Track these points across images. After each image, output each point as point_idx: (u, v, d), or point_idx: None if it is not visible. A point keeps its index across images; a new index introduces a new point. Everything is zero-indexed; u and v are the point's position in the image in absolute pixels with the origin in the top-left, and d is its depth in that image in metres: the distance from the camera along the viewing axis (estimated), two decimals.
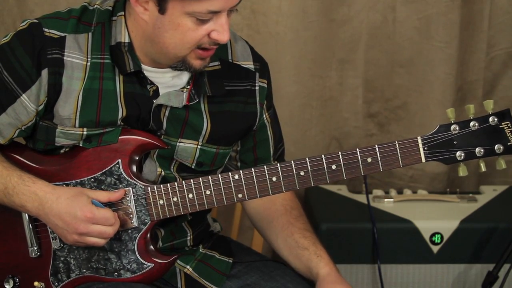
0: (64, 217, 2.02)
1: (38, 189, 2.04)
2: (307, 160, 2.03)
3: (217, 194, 2.06)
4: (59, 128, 2.09)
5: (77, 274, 2.12)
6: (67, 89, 2.06)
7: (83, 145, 2.09)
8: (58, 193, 2.04)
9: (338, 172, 2.02)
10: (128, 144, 2.08)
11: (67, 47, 2.06)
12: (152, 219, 2.09)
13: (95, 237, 2.03)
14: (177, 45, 2.01)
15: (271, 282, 2.20)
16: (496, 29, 3.28)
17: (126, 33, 2.08)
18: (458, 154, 1.99)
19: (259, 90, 2.23)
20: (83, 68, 2.07)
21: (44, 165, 2.13)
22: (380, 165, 2.01)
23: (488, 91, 3.35)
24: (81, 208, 2.01)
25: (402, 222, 2.95)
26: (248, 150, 2.27)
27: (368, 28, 3.25)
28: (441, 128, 2.00)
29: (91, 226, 2.01)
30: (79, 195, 2.03)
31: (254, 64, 2.23)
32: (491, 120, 1.98)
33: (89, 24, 2.09)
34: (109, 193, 2.06)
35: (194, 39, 2.00)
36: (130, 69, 2.07)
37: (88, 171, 2.09)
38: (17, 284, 2.16)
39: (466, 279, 2.96)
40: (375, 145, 2.00)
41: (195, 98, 2.12)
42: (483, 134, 1.98)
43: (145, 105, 2.10)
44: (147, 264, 2.10)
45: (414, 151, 2.00)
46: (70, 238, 2.05)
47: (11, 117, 2.09)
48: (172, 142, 2.14)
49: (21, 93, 2.07)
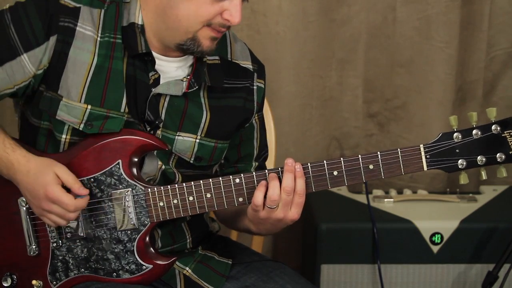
0: (31, 192, 2.04)
1: (14, 159, 2.06)
2: (309, 166, 2.03)
3: (218, 197, 2.06)
4: (63, 101, 2.08)
5: (75, 274, 2.12)
6: (75, 59, 2.07)
7: (83, 129, 2.08)
8: (29, 166, 2.04)
9: (339, 178, 2.02)
10: (129, 145, 2.08)
11: (81, 18, 2.07)
12: (152, 221, 2.09)
13: (57, 216, 2.04)
14: (190, 17, 2.02)
15: (270, 283, 2.20)
16: (496, 29, 3.28)
17: (140, 15, 2.09)
18: (460, 162, 1.99)
19: (257, 90, 2.25)
20: (94, 41, 2.08)
21: None
22: (382, 172, 2.01)
23: (488, 91, 3.35)
24: (44, 186, 2.01)
25: (402, 222, 2.95)
26: (234, 147, 2.28)
27: (368, 28, 3.25)
28: (443, 136, 2.00)
29: (52, 205, 2.02)
30: (46, 171, 2.03)
31: (252, 65, 2.25)
32: (493, 128, 1.97)
33: (103, 1, 2.10)
34: (75, 183, 2.04)
35: (208, 14, 2.02)
36: (141, 50, 2.08)
37: (87, 170, 2.08)
38: (15, 282, 2.16)
39: (466, 279, 2.95)
40: (377, 152, 2.01)
41: (195, 85, 2.13)
42: (485, 143, 1.98)
43: (142, 92, 2.10)
44: (146, 266, 2.10)
45: (416, 159, 2.00)
46: (37, 211, 2.07)
47: (7, 72, 2.08)
48: (171, 136, 2.14)
49: (22, 52, 2.07)
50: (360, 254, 2.95)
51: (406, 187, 3.27)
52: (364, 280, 2.97)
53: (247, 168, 2.30)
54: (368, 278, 2.97)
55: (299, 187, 2.01)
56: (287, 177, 2.01)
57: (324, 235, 2.92)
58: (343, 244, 2.94)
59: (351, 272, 2.97)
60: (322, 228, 2.92)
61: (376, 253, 2.92)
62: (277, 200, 2.01)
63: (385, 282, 2.94)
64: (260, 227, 2.12)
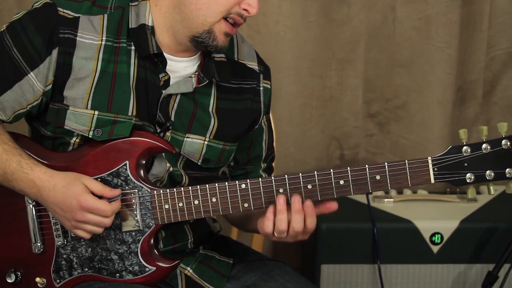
0: (61, 205, 2.03)
1: (35, 177, 2.04)
2: (315, 174, 2.01)
3: (223, 202, 2.06)
4: (70, 109, 2.08)
5: (79, 273, 2.12)
6: (78, 69, 2.06)
7: (93, 137, 2.08)
8: (54, 180, 2.03)
9: (346, 188, 2.01)
10: (137, 147, 2.08)
11: (81, 27, 2.07)
12: (157, 223, 2.08)
13: (93, 225, 2.03)
14: (211, 5, 2.03)
15: (270, 282, 2.20)
16: (496, 29, 3.28)
17: (150, 17, 2.09)
18: (468, 176, 1.97)
19: (263, 91, 2.25)
20: (97, 48, 2.07)
21: (51, 161, 2.11)
22: (388, 183, 1.99)
23: (488, 91, 3.35)
24: (76, 198, 2.00)
25: (402, 222, 2.95)
26: (244, 150, 2.28)
27: (368, 28, 3.25)
28: (452, 149, 1.97)
29: (87, 215, 2.01)
30: (75, 182, 2.02)
31: (258, 66, 2.25)
32: (503, 143, 1.95)
33: (104, 7, 2.10)
34: (104, 188, 2.04)
35: (228, 2, 2.02)
36: (153, 50, 2.08)
37: (95, 170, 2.08)
38: (19, 278, 2.16)
39: (466, 279, 2.96)
40: (385, 163, 1.99)
41: (204, 80, 2.13)
42: (494, 157, 1.95)
43: (153, 94, 2.10)
44: (149, 268, 2.10)
45: (424, 171, 1.98)
46: (69, 224, 2.05)
47: (17, 94, 2.09)
48: (180, 138, 2.14)
49: (29, 71, 2.07)
50: (360, 254, 2.95)
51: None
52: (364, 280, 2.97)
53: (256, 169, 2.31)
54: (368, 278, 2.97)
55: (310, 225, 2.01)
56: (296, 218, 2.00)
57: (324, 235, 2.92)
58: (343, 244, 2.94)
59: (351, 272, 2.97)
60: (322, 228, 2.92)
61: (376, 253, 2.92)
62: (285, 231, 2.00)
63: (385, 282, 2.95)
64: None
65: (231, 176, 2.29)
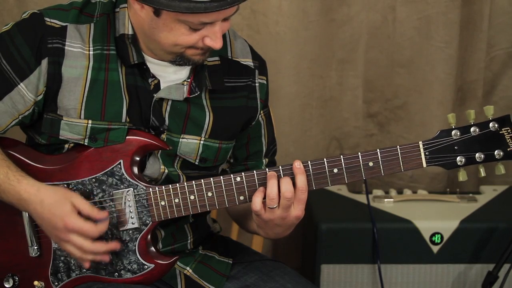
0: (47, 222, 2.02)
1: (22, 189, 2.04)
2: (309, 163, 2.03)
3: (219, 196, 2.06)
4: (64, 120, 2.08)
5: (77, 274, 2.12)
6: (68, 78, 2.06)
7: (89, 144, 2.08)
8: (41, 195, 2.02)
9: (339, 175, 2.03)
10: (130, 145, 2.08)
11: (69, 36, 2.07)
12: (154, 220, 2.09)
13: (74, 247, 2.02)
14: (171, 45, 2.02)
15: (270, 282, 2.20)
16: (496, 29, 3.28)
17: (129, 25, 2.09)
18: (458, 159, 2.01)
19: (259, 86, 2.24)
20: (86, 57, 2.07)
21: (45, 164, 2.12)
22: (381, 169, 2.02)
23: (488, 91, 3.35)
24: (63, 218, 1.99)
25: (402, 222, 2.95)
26: (242, 147, 2.28)
27: (368, 28, 3.25)
28: (442, 133, 2.01)
29: (72, 236, 2.00)
30: (62, 201, 2.01)
31: (253, 62, 2.24)
32: (491, 125, 2.00)
33: (91, 16, 2.10)
34: (92, 210, 2.02)
35: (188, 43, 2.01)
36: (133, 61, 2.08)
37: (89, 171, 2.09)
38: (17, 283, 2.16)
39: (466, 279, 2.96)
40: (377, 149, 2.02)
41: (196, 91, 2.12)
42: (483, 140, 2.00)
43: (145, 98, 2.10)
44: (147, 265, 2.10)
45: (416, 155, 2.01)
46: (54, 239, 2.06)
47: (8, 105, 2.09)
48: (175, 139, 2.14)
49: (18, 82, 2.07)
50: (360, 254, 2.95)
51: (406, 187, 3.27)
52: (364, 280, 2.97)
53: (258, 165, 2.30)
54: (368, 278, 2.97)
55: (300, 183, 2.01)
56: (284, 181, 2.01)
57: (324, 235, 2.92)
58: (343, 244, 2.94)
59: (351, 272, 2.97)
60: (322, 228, 2.93)
61: (376, 253, 2.92)
62: (276, 198, 2.00)
63: (385, 282, 2.95)
64: (267, 231, 2.11)
65: (232, 172, 2.29)
